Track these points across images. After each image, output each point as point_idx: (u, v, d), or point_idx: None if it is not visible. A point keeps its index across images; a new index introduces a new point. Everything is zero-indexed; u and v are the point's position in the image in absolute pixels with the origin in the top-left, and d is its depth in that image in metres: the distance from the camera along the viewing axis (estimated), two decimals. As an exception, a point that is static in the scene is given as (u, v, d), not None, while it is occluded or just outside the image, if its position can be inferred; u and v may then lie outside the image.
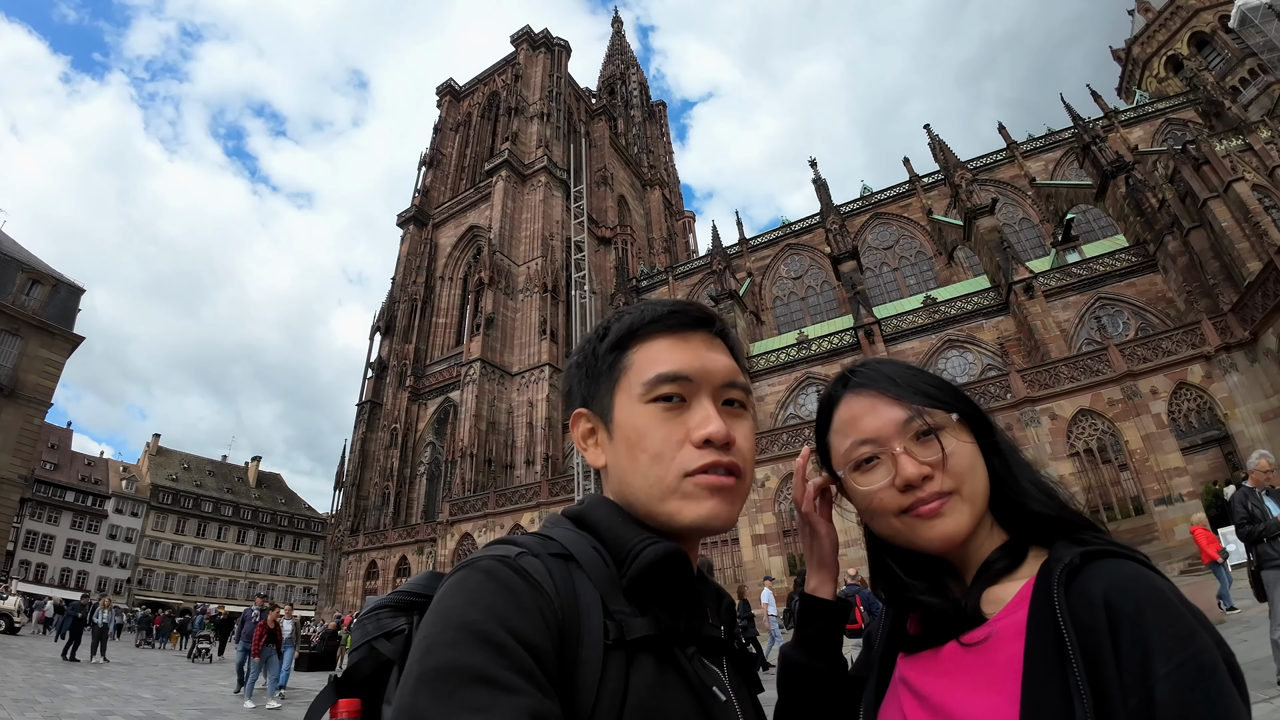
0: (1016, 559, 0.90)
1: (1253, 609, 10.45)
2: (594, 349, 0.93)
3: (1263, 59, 39.08)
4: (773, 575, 23.04)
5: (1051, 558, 0.85)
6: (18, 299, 30.83)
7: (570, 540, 0.81)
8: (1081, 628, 0.73)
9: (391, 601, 0.87)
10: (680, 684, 0.75)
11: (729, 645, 0.88)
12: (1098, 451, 22.36)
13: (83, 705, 10.42)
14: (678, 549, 0.80)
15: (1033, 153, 40.44)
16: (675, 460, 0.83)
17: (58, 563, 60.04)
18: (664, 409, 0.85)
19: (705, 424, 0.84)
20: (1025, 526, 0.92)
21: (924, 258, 41.44)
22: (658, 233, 63.78)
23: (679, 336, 0.89)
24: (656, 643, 0.75)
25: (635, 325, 0.91)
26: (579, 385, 0.94)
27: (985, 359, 30.13)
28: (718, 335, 0.93)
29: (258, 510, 76.57)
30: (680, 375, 0.86)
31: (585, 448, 0.92)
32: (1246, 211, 23.13)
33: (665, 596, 0.80)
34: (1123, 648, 0.70)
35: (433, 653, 0.63)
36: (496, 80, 59.20)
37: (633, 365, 0.88)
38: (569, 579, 0.75)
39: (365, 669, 0.83)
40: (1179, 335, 22.65)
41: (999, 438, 0.95)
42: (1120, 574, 0.77)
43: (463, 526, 35.10)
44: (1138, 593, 0.74)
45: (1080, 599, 0.76)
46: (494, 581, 0.69)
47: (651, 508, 0.84)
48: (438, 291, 51.32)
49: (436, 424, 45.31)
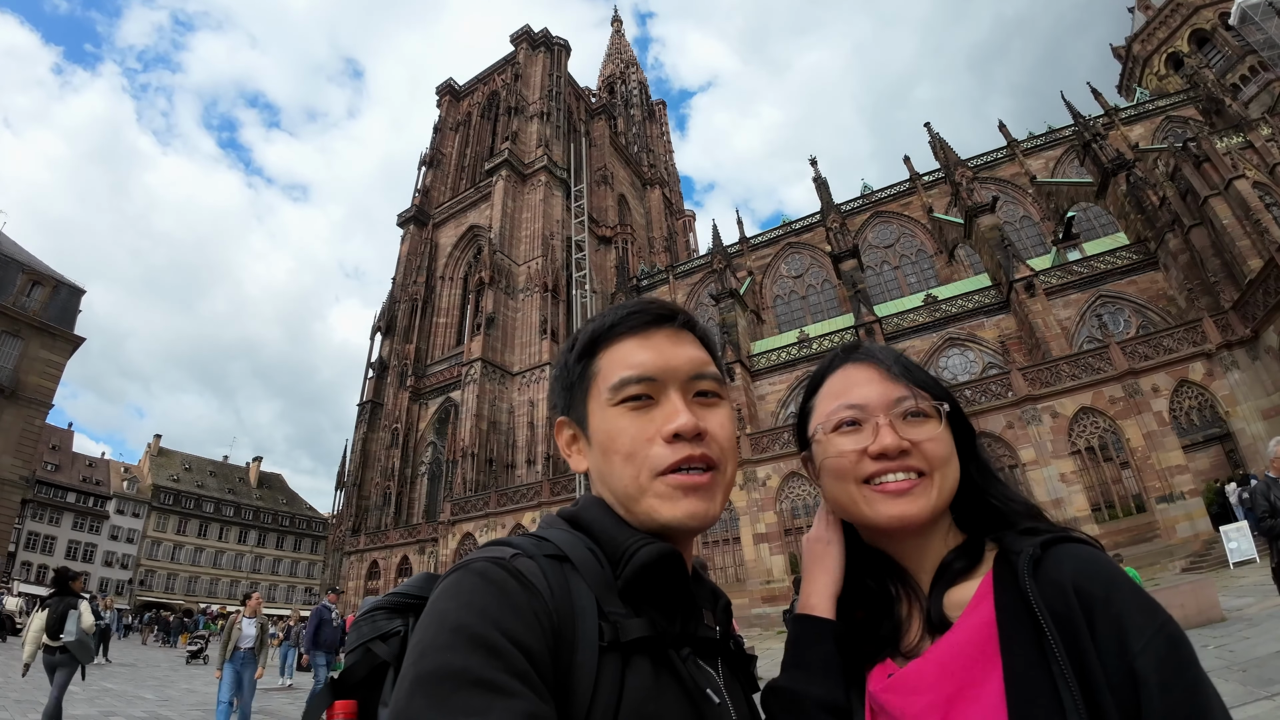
0: (974, 559, 0.90)
1: (1253, 606, 10.45)
2: (566, 360, 0.95)
3: (1263, 56, 39.05)
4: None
5: (1005, 549, 0.86)
6: (19, 300, 30.87)
7: (565, 541, 0.81)
8: (1056, 615, 0.75)
9: (387, 603, 0.87)
10: (675, 686, 0.75)
11: (724, 646, 0.88)
12: (1099, 449, 22.33)
13: (85, 706, 10.43)
14: (671, 549, 0.80)
15: (1033, 150, 40.38)
16: (647, 459, 0.84)
17: (59, 564, 59.95)
18: (632, 409, 0.86)
19: (672, 418, 0.85)
20: (984, 526, 0.93)
21: (925, 256, 41.40)
22: (658, 232, 63.75)
23: (641, 336, 0.91)
24: (651, 644, 0.75)
25: (598, 331, 0.93)
26: (559, 396, 0.96)
27: (986, 357, 30.10)
28: (683, 328, 0.94)
29: (259, 511, 76.59)
30: (644, 375, 0.87)
31: (570, 455, 0.94)
32: (1247, 209, 23.09)
33: (660, 597, 0.80)
34: (1098, 629, 0.72)
35: (427, 656, 0.62)
36: (496, 79, 59.14)
37: (600, 371, 0.90)
38: (564, 581, 0.75)
39: (361, 671, 0.83)
40: (1180, 333, 22.61)
41: (978, 447, 0.97)
42: (1081, 558, 0.79)
43: (464, 526, 35.11)
44: (1103, 575, 0.77)
45: (1050, 587, 0.77)
46: (488, 584, 0.69)
47: (631, 507, 0.85)
48: (438, 291, 51.31)
49: (437, 424, 45.31)
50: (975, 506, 0.94)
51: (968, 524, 0.95)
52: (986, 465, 0.96)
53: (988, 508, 0.93)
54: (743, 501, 26.82)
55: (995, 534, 0.90)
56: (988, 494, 0.94)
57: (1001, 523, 0.92)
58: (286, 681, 15.74)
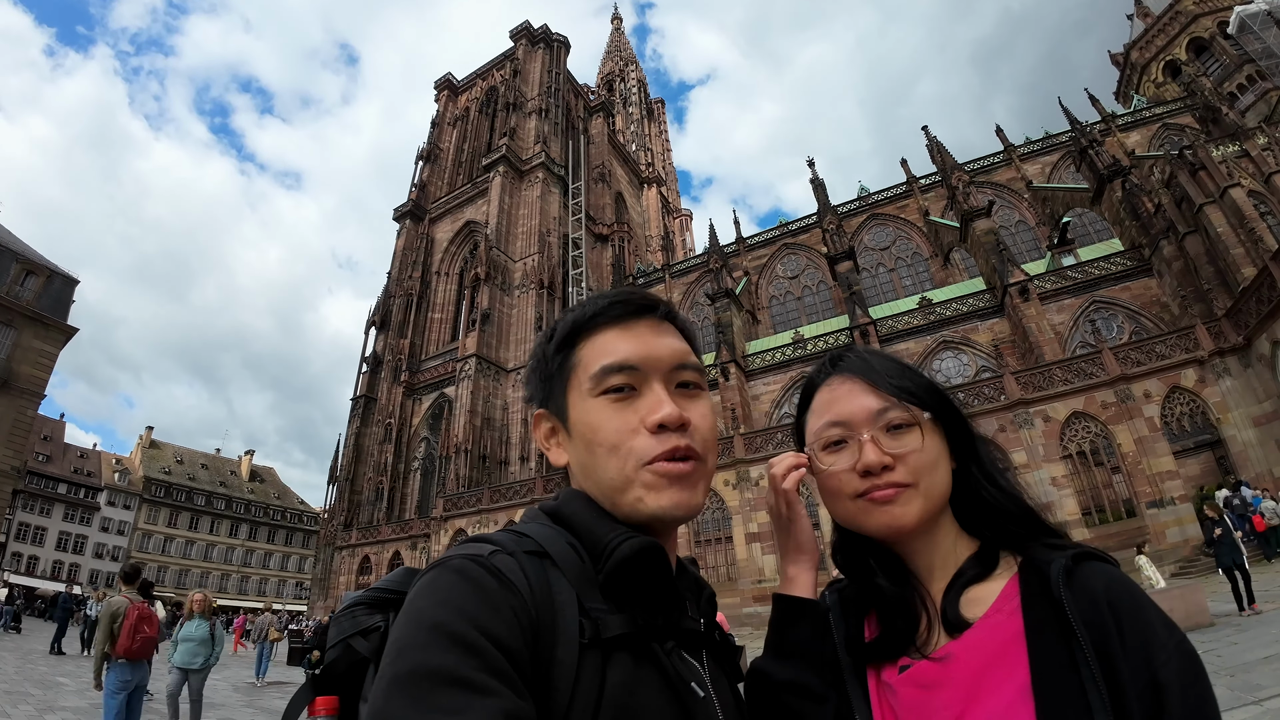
0: (988, 566, 0.93)
1: (1242, 612, 10.54)
2: (544, 351, 0.94)
3: (1261, 65, 39.15)
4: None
5: (1033, 559, 0.89)
6: (12, 290, 30.69)
7: (545, 536, 0.80)
8: (1089, 624, 0.79)
9: (367, 599, 0.86)
10: (657, 680, 0.74)
11: (709, 637, 0.88)
12: (1090, 454, 22.42)
13: (75, 698, 10.40)
14: (653, 543, 0.80)
15: (1030, 155, 40.52)
16: (631, 450, 0.83)
17: (50, 555, 59.79)
18: (614, 400, 0.86)
19: (656, 408, 0.84)
20: (996, 534, 0.95)
21: (920, 259, 41.51)
22: (655, 230, 63.78)
23: (624, 326, 0.90)
24: (633, 640, 0.75)
25: (579, 321, 0.92)
26: (536, 388, 0.96)
27: (980, 360, 30.20)
28: (664, 319, 0.94)
29: (251, 504, 76.38)
30: (626, 365, 0.86)
31: (549, 448, 0.93)
32: (1242, 217, 23.19)
33: (642, 592, 0.79)
34: (1127, 639, 0.76)
35: (404, 655, 0.62)
36: (495, 75, 59.03)
37: (580, 361, 0.89)
38: (543, 576, 0.75)
39: (342, 666, 0.83)
40: (1173, 339, 22.70)
41: (979, 447, 0.99)
42: (1111, 576, 0.83)
43: (457, 522, 35.06)
44: (1132, 592, 0.82)
45: (1084, 597, 0.81)
46: (466, 581, 0.68)
47: (616, 500, 0.84)
48: (433, 287, 51.18)
49: (431, 419, 45.23)
50: (975, 506, 0.96)
51: (970, 523, 0.97)
52: (986, 465, 0.98)
53: (985, 505, 0.96)
54: (735, 501, 26.87)
55: (1015, 544, 0.93)
56: (981, 494, 0.96)
57: (1001, 523, 0.94)
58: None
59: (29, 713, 9.20)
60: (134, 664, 6.61)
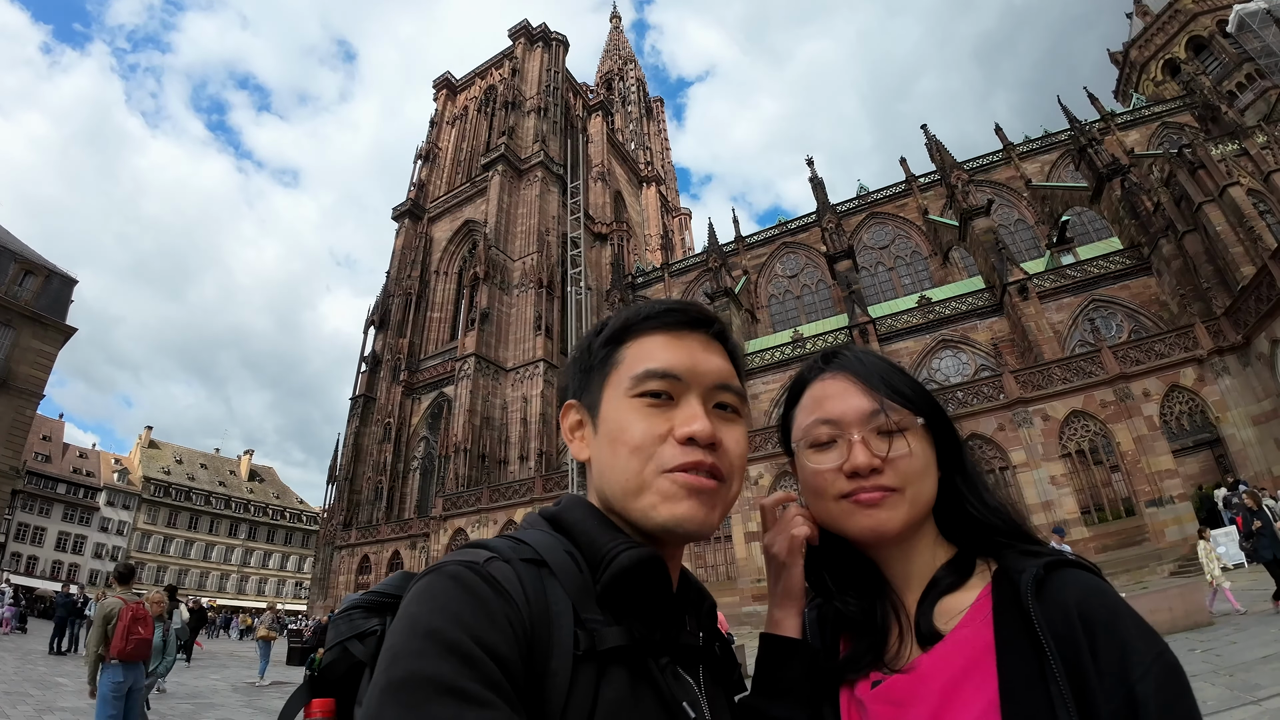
0: (963, 574, 0.90)
1: (1241, 611, 10.54)
2: (590, 343, 0.93)
3: (1260, 64, 39.18)
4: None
5: (1006, 567, 0.86)
6: (10, 289, 30.67)
7: (543, 544, 0.79)
8: (1059, 636, 0.75)
9: (364, 602, 0.86)
10: (651, 697, 0.73)
11: (707, 652, 0.87)
12: (1089, 453, 22.44)
13: (74, 699, 10.39)
14: (654, 554, 0.78)
15: (1029, 154, 40.49)
16: (655, 455, 0.82)
17: (49, 555, 59.80)
18: (649, 404, 0.84)
19: (690, 421, 0.83)
20: (973, 541, 0.93)
21: (919, 258, 41.50)
22: (654, 229, 63.75)
23: (674, 335, 0.89)
24: (629, 654, 0.73)
25: (631, 321, 0.91)
26: (573, 379, 0.94)
27: (979, 359, 30.19)
28: (715, 337, 0.92)
29: (250, 504, 76.35)
30: (669, 372, 0.85)
31: (572, 440, 0.92)
32: (1241, 216, 23.19)
33: (640, 604, 0.78)
34: (1100, 653, 0.73)
35: (399, 662, 0.61)
36: (494, 74, 58.96)
37: (624, 360, 0.88)
38: (540, 586, 0.73)
39: (338, 669, 0.82)
40: (1172, 338, 22.72)
41: (965, 456, 0.96)
42: (1086, 584, 0.79)
43: (456, 522, 35.07)
44: (1107, 601, 0.77)
45: (1054, 608, 0.77)
46: (461, 588, 0.67)
47: (626, 503, 0.83)
48: (432, 286, 51.16)
49: (430, 419, 45.23)
50: (958, 516, 0.94)
51: (952, 533, 0.95)
52: (971, 476, 0.95)
53: (968, 518, 0.93)
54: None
55: (991, 551, 0.91)
56: (966, 505, 0.93)
57: (983, 534, 0.92)
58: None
59: (28, 713, 9.19)
60: (129, 666, 6.49)
